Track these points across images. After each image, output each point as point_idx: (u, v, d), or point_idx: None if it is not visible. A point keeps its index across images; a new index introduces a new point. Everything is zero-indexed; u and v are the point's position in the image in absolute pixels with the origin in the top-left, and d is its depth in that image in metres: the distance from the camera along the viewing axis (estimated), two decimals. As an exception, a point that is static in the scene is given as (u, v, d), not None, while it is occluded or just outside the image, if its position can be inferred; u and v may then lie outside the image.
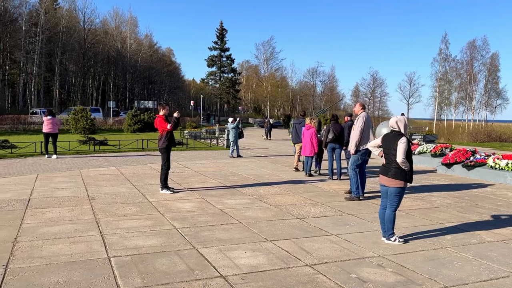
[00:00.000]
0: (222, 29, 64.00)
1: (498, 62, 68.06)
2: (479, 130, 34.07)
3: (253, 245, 5.36)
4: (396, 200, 5.48)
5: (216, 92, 64.95)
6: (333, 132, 10.82)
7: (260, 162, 14.56)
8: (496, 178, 10.82)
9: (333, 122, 11.04)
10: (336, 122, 11.06)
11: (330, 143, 10.97)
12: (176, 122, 8.52)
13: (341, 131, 10.68)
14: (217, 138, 24.35)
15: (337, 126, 10.91)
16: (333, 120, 11.12)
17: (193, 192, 8.81)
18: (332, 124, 10.98)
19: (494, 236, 5.91)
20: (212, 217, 6.73)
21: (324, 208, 7.57)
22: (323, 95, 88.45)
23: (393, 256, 5.02)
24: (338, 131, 10.78)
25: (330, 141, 10.89)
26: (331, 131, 10.86)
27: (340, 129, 10.81)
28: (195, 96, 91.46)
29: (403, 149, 5.29)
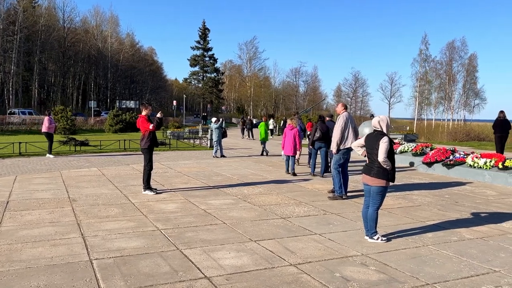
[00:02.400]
0: (205, 28, 63.77)
1: (476, 63, 69.60)
2: (458, 130, 34.76)
3: (238, 245, 5.35)
4: (378, 199, 5.54)
5: (199, 92, 64.70)
6: (320, 131, 11.28)
7: (243, 162, 14.55)
8: (474, 176, 11.05)
9: (320, 122, 11.57)
10: (322, 122, 11.63)
11: (317, 142, 11.38)
12: (159, 122, 8.44)
13: (327, 130, 11.21)
14: (200, 138, 24.24)
15: (323, 126, 11.41)
16: (320, 121, 11.70)
17: (176, 193, 8.74)
18: (319, 124, 11.49)
19: (474, 234, 6.03)
20: (196, 218, 6.69)
21: (308, 207, 7.61)
22: (306, 95, 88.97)
23: (376, 254, 5.07)
24: (325, 130, 11.28)
25: (317, 139, 11.31)
26: (318, 130, 11.31)
27: (326, 129, 11.31)
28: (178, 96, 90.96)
29: (384, 148, 5.35)
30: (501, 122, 15.17)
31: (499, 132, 15.14)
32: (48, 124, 15.30)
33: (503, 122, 15.13)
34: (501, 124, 15.12)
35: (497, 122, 15.29)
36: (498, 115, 15.42)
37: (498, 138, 15.27)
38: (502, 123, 15.13)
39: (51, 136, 15.35)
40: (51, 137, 15.37)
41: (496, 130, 15.35)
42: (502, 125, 15.10)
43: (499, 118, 15.27)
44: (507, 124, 15.11)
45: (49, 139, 15.20)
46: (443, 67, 68.88)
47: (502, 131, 15.06)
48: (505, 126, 15.07)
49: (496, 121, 15.41)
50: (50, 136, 15.31)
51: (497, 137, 15.34)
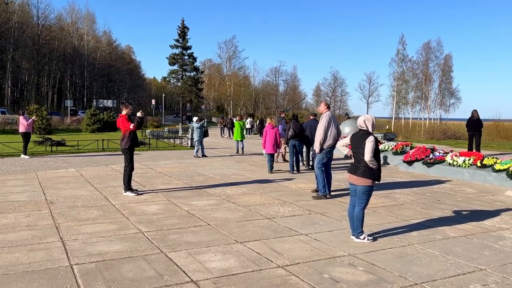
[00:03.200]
0: (184, 27, 63.11)
1: (451, 63, 71.11)
2: (435, 128, 35.43)
3: (223, 247, 5.24)
4: (365, 198, 5.52)
5: (178, 90, 63.97)
6: (293, 129, 11.75)
7: (225, 162, 14.42)
8: (454, 174, 11.22)
9: (294, 121, 12.15)
10: (296, 121, 12.20)
11: (291, 140, 11.83)
12: (140, 122, 8.25)
13: (301, 129, 11.81)
14: (181, 137, 23.96)
15: (297, 125, 11.92)
16: (293, 119, 12.31)
17: (158, 194, 8.56)
18: (292, 123, 12.04)
19: (457, 232, 6.08)
20: (179, 220, 6.55)
21: (293, 207, 7.56)
22: (286, 94, 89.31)
23: (363, 254, 5.05)
24: (298, 129, 11.77)
25: (291, 137, 11.78)
26: (291, 129, 11.78)
27: (299, 127, 11.85)
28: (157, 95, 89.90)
29: (370, 148, 5.34)
30: (474, 121, 15.69)
31: (472, 130, 15.66)
32: (25, 122, 14.79)
33: (476, 121, 15.65)
34: (474, 123, 15.65)
35: (470, 121, 15.82)
36: (472, 115, 15.95)
37: (471, 136, 15.80)
38: (475, 122, 15.65)
39: (28, 135, 14.85)
40: (28, 136, 14.89)
41: (469, 128, 15.87)
42: (475, 124, 15.63)
43: (473, 117, 15.80)
44: (479, 123, 15.63)
45: (25, 139, 14.72)
46: (420, 67, 70.21)
47: (475, 129, 15.58)
48: (477, 125, 15.59)
49: (469, 120, 15.95)
50: (28, 135, 14.82)
51: (470, 135, 15.87)
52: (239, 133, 17.59)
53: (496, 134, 31.63)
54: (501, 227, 6.39)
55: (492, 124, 33.57)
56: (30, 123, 14.96)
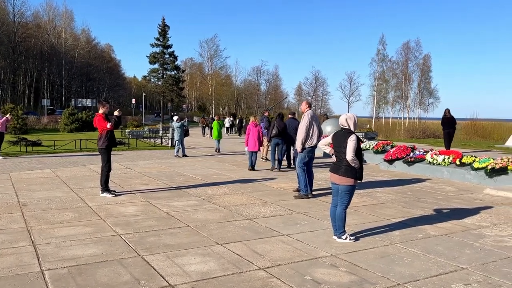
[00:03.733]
0: (164, 25, 62.44)
1: (430, 63, 72.30)
2: (415, 128, 35.92)
3: (203, 249, 5.10)
4: (347, 198, 5.46)
5: (159, 90, 63.25)
6: (276, 128, 11.93)
7: (206, 162, 14.24)
8: (434, 173, 11.32)
9: (278, 120, 12.24)
10: (280, 120, 12.29)
11: (274, 138, 12.05)
12: (117, 121, 8.02)
13: (284, 127, 11.99)
14: (161, 137, 23.63)
15: (281, 124, 12.07)
16: (278, 118, 12.38)
17: (136, 195, 8.35)
18: (276, 122, 12.17)
19: (438, 230, 6.08)
20: (158, 221, 6.37)
21: (274, 207, 7.46)
22: (268, 94, 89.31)
23: (345, 255, 4.98)
24: (282, 127, 11.96)
25: (274, 135, 11.97)
26: (275, 127, 11.96)
27: (283, 126, 12.03)
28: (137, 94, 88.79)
29: (352, 147, 5.27)
30: (448, 119, 16.21)
31: (447, 128, 16.17)
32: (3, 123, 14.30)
33: (450, 119, 16.17)
34: (448, 121, 16.16)
35: (444, 120, 16.32)
36: (444, 113, 16.52)
37: (446, 134, 16.30)
38: (449, 120, 16.16)
39: (1, 135, 14.38)
40: (2, 136, 14.41)
41: (444, 126, 16.38)
42: (449, 122, 16.14)
43: (446, 116, 16.35)
44: (453, 120, 16.14)
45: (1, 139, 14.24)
46: (399, 66, 71.14)
47: (450, 127, 16.10)
48: (451, 122, 16.11)
49: (443, 118, 16.46)
50: (1, 135, 14.35)
51: (445, 133, 16.36)
52: (219, 132, 17.74)
53: (474, 133, 32.26)
54: (481, 225, 6.42)
55: (470, 123, 34.25)
56: (3, 122, 14.45)
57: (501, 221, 6.68)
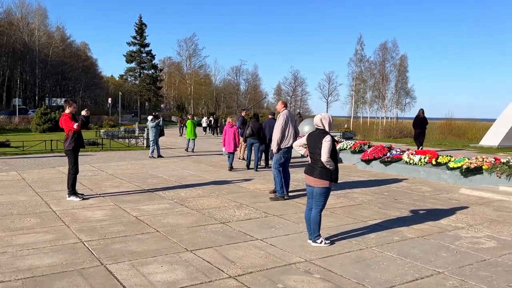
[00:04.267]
0: (142, 23, 61.45)
1: (406, 63, 73.27)
2: (392, 127, 36.31)
3: (171, 257, 4.84)
4: (322, 200, 5.28)
5: (136, 89, 62.20)
6: (251, 128, 12.15)
7: (182, 162, 13.92)
8: (410, 172, 11.30)
9: (253, 120, 12.52)
10: (256, 120, 12.53)
11: (249, 138, 12.25)
12: (84, 121, 7.65)
13: (259, 128, 12.15)
14: (137, 137, 23.12)
15: (255, 124, 12.27)
16: (253, 119, 12.69)
17: (105, 198, 8.00)
18: (252, 122, 12.41)
19: (415, 232, 5.97)
20: (126, 226, 6.06)
21: (249, 210, 7.24)
22: (247, 93, 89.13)
23: (320, 260, 4.79)
24: (256, 128, 12.16)
25: (249, 136, 12.19)
26: (250, 127, 12.20)
27: (258, 126, 12.20)
28: (114, 94, 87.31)
29: (327, 148, 5.10)
30: (420, 120, 16.43)
31: (418, 128, 16.42)
32: None
33: (422, 119, 16.40)
34: (420, 121, 16.38)
35: (417, 120, 16.55)
36: (418, 113, 16.78)
37: (417, 134, 16.57)
38: (421, 121, 16.38)
39: None
40: None
41: (416, 127, 16.63)
42: (421, 122, 16.36)
43: (419, 116, 16.57)
44: (425, 121, 16.38)
45: None
46: (377, 67, 71.93)
47: (421, 127, 16.34)
48: (423, 123, 16.34)
49: (416, 118, 16.69)
50: None
51: (416, 133, 16.64)
52: (193, 131, 17.70)
53: (449, 132, 32.78)
54: (457, 226, 6.35)
55: (445, 122, 34.80)
56: None
57: (476, 221, 6.63)
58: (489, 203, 8.06)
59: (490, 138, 19.81)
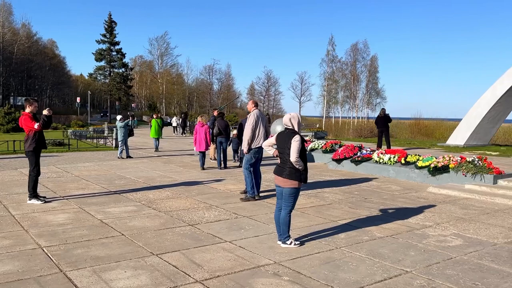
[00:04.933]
0: (111, 21, 60.14)
1: (377, 64, 74.63)
2: (363, 127, 36.87)
3: (136, 261, 4.65)
4: (291, 201, 5.21)
5: (106, 88, 60.86)
6: (217, 127, 12.38)
7: (151, 163, 13.62)
8: (380, 172, 11.43)
9: (219, 119, 12.69)
10: (222, 119, 12.79)
11: (217, 137, 12.45)
12: (46, 121, 7.31)
13: (226, 126, 12.56)
14: (105, 137, 22.55)
15: (222, 123, 12.52)
16: (219, 117, 12.83)
17: (69, 201, 7.69)
18: (218, 121, 12.59)
19: (384, 231, 5.99)
20: (89, 230, 5.82)
21: (219, 211, 7.10)
22: (220, 93, 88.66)
23: (289, 262, 4.72)
24: (223, 127, 12.48)
25: (216, 135, 12.42)
26: (216, 126, 12.45)
27: (224, 125, 12.55)
28: (84, 93, 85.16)
29: (296, 148, 5.03)
30: (381, 119, 16.94)
31: (380, 127, 16.96)
32: None
33: (383, 118, 16.88)
34: (381, 121, 16.88)
35: (378, 119, 17.09)
36: (380, 112, 17.31)
37: (379, 132, 17.11)
38: (382, 119, 16.86)
39: None
40: None
41: (377, 125, 17.19)
42: (381, 121, 16.85)
43: (379, 115, 17.09)
44: (387, 119, 16.84)
45: None
46: (348, 67, 72.91)
47: (382, 126, 16.83)
48: (385, 121, 16.79)
49: (377, 117, 17.26)
50: None
51: (379, 131, 17.17)
52: (156, 131, 17.81)
53: (418, 131, 33.55)
54: (425, 224, 6.42)
55: (414, 122, 35.60)
56: None
57: (443, 220, 6.73)
58: (455, 201, 8.22)
59: (456, 138, 20.36)
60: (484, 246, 5.37)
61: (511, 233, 6.03)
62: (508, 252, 5.14)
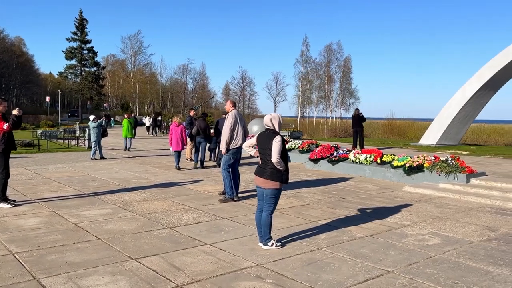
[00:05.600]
0: (82, 19, 58.72)
1: (350, 65, 75.65)
2: (337, 127, 37.31)
3: (113, 266, 4.50)
4: (272, 202, 5.17)
5: (77, 87, 59.36)
6: (197, 128, 12.56)
7: (126, 164, 13.33)
8: (356, 171, 11.55)
9: (200, 120, 12.96)
10: (203, 119, 13.02)
11: (197, 137, 12.64)
12: (16, 121, 7.01)
13: (206, 127, 12.69)
14: (77, 138, 21.97)
15: (201, 123, 12.68)
16: (200, 118, 13.15)
17: (41, 204, 7.40)
18: (198, 121, 12.84)
19: (363, 231, 6.02)
20: (63, 235, 5.61)
21: (198, 213, 6.99)
22: (195, 93, 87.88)
23: (271, 264, 4.67)
24: (202, 127, 12.61)
25: (196, 134, 12.60)
26: (195, 127, 12.63)
27: (204, 125, 12.68)
28: (53, 92, 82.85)
29: (278, 148, 4.99)
30: (354, 118, 17.32)
31: (355, 127, 17.30)
32: None
33: (356, 118, 17.22)
34: (355, 120, 17.24)
35: (353, 119, 17.44)
36: (354, 113, 17.66)
37: (354, 132, 17.42)
38: (355, 119, 17.22)
39: None
40: None
41: (352, 125, 17.55)
42: (355, 121, 17.19)
43: (353, 116, 17.46)
44: (361, 119, 17.15)
45: None
46: (322, 68, 73.60)
47: (356, 126, 17.17)
48: (359, 121, 17.11)
49: (352, 118, 17.66)
50: None
51: (353, 131, 17.49)
52: (128, 130, 17.87)
53: (391, 131, 34.18)
54: (403, 223, 6.50)
55: (387, 122, 36.25)
56: None
57: (420, 219, 6.83)
58: (430, 200, 8.37)
59: (428, 137, 20.84)
60: (461, 245, 5.47)
61: (485, 231, 6.17)
62: (485, 250, 5.25)
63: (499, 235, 5.95)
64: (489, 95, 20.33)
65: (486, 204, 8.00)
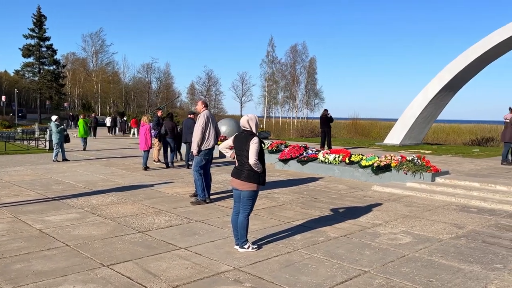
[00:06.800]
0: (41, 15, 56.35)
1: (315, 66, 76.70)
2: (304, 127, 37.72)
3: (85, 274, 4.30)
4: (249, 204, 5.11)
5: (35, 86, 56.94)
6: (165, 128, 12.66)
7: (91, 166, 12.89)
8: (326, 171, 11.68)
9: (167, 120, 13.07)
10: (170, 119, 13.12)
11: (164, 138, 12.74)
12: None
13: (173, 127, 12.85)
14: (37, 139, 21.06)
15: (169, 123, 12.83)
16: (167, 118, 13.23)
17: (2, 210, 7.01)
18: (165, 121, 12.91)
19: (337, 231, 6.07)
20: (28, 242, 5.32)
21: (169, 216, 6.83)
22: (159, 92, 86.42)
23: (249, 267, 4.61)
24: (170, 127, 12.71)
25: (163, 135, 12.71)
26: (163, 127, 12.70)
27: (171, 125, 12.82)
28: (9, 91, 79.25)
29: (255, 149, 4.94)
30: (322, 119, 17.55)
31: (322, 127, 17.56)
32: None
33: (324, 118, 17.50)
34: (323, 121, 17.48)
35: (321, 119, 17.65)
36: (322, 113, 17.88)
37: (322, 133, 17.66)
38: (323, 120, 17.47)
39: None
40: None
41: (320, 126, 17.72)
42: (323, 122, 17.44)
43: (322, 116, 17.66)
44: (329, 120, 17.47)
45: None
46: (288, 68, 74.17)
47: (324, 126, 17.44)
48: (327, 122, 17.42)
49: (320, 118, 17.81)
50: None
51: (321, 131, 17.73)
52: (84, 130, 18.20)
53: (355, 131, 34.91)
54: (375, 223, 6.61)
55: (351, 122, 37.00)
56: None
57: (391, 218, 6.97)
58: (399, 199, 8.57)
59: (393, 137, 21.41)
60: (432, 243, 5.62)
61: (454, 228, 6.37)
62: (455, 248, 5.41)
63: (467, 232, 6.15)
64: (449, 96, 21.14)
65: (452, 202, 8.27)
